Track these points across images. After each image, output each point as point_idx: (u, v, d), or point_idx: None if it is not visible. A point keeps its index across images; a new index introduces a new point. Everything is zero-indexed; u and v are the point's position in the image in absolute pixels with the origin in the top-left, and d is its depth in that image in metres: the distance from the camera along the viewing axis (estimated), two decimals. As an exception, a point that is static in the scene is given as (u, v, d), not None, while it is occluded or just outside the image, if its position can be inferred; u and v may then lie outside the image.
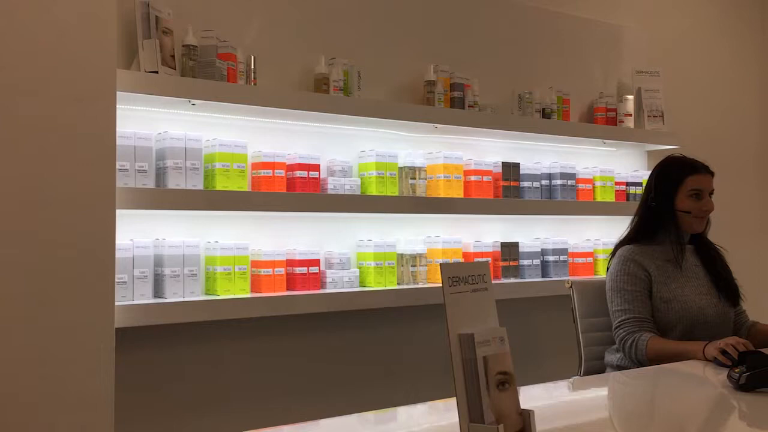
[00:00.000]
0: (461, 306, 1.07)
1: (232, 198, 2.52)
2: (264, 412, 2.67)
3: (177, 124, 2.56)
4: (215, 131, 2.62)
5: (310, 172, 2.74)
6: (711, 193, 2.37)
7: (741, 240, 4.20)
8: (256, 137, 2.72)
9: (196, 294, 2.47)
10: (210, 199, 2.48)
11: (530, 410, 1.07)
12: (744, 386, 1.62)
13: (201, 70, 2.48)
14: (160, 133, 2.48)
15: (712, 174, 2.38)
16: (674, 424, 1.55)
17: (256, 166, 2.67)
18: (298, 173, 2.72)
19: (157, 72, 2.37)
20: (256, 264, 2.65)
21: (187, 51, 2.48)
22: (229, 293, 2.53)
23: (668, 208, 2.35)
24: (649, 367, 2.11)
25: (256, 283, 2.65)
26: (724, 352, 1.93)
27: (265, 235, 2.75)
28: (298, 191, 2.70)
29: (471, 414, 1.02)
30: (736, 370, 1.66)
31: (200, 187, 2.49)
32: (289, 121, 2.80)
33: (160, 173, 2.45)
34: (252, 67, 2.63)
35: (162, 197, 2.38)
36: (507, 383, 1.07)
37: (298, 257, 2.72)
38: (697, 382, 1.94)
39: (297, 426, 1.57)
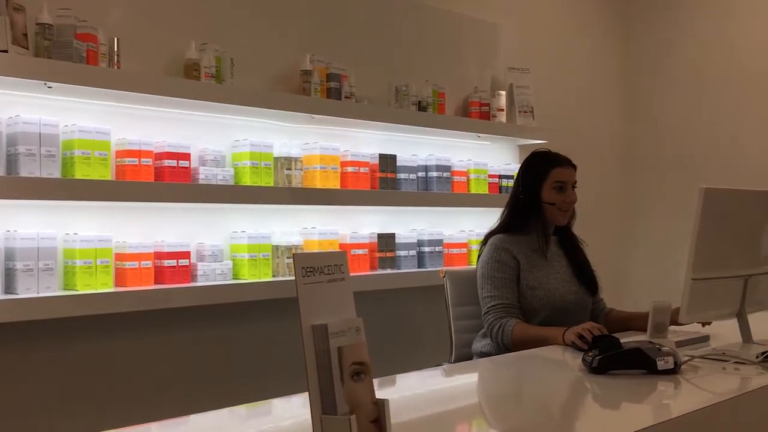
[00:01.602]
0: (316, 297, 1.05)
1: (94, 187, 2.39)
2: (130, 411, 2.55)
3: (31, 107, 2.39)
4: (74, 116, 2.47)
5: (180, 162, 2.64)
6: (574, 185, 2.47)
7: (602, 233, 4.44)
8: (120, 124, 2.59)
9: (52, 289, 2.32)
10: (68, 189, 2.34)
11: (385, 399, 1.06)
12: (596, 369, 1.71)
13: (57, 51, 2.32)
14: (11, 117, 2.31)
15: (574, 167, 2.49)
16: (536, 406, 1.61)
17: (121, 154, 2.55)
18: (167, 162, 2.61)
19: (6, 51, 2.20)
20: (120, 257, 2.52)
21: (42, 30, 2.31)
22: (89, 288, 2.40)
23: (535, 200, 2.44)
24: (514, 353, 2.18)
25: (120, 276, 2.52)
26: (581, 337, 2.03)
27: (131, 226, 2.62)
28: (167, 181, 2.60)
29: (324, 406, 1.01)
30: (590, 354, 1.74)
31: (57, 175, 2.34)
32: (157, 107, 2.68)
33: (12, 160, 2.28)
34: (115, 49, 2.49)
35: (12, 186, 2.22)
36: (362, 373, 1.06)
37: (166, 249, 2.62)
38: (556, 366, 2.03)
39: (165, 423, 1.51)
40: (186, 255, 2.66)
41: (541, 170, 2.45)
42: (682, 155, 4.60)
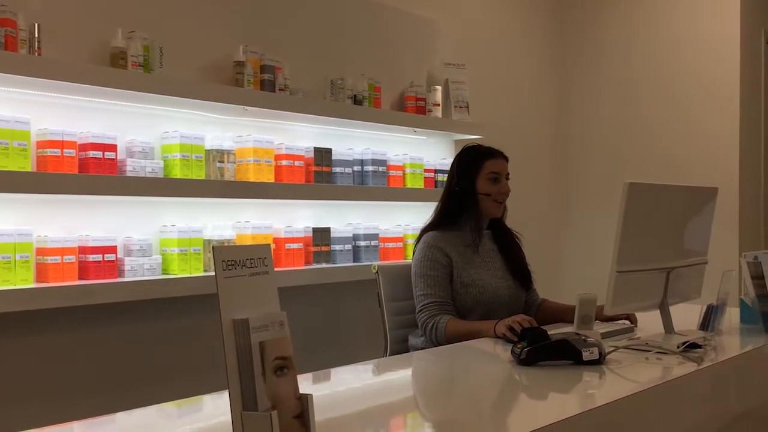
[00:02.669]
0: (237, 291, 1.03)
1: (12, 179, 2.28)
2: (54, 410, 2.45)
3: (-57, 95, 2.27)
4: (-9, 105, 2.36)
5: (106, 153, 2.55)
6: (507, 176, 2.50)
7: (535, 227, 4.52)
8: (41, 113, 2.48)
9: (-33, 286, 2.22)
10: (-16, 181, 2.23)
11: (308, 394, 1.05)
12: (524, 361, 1.73)
13: (-28, 36, 2.21)
14: None
15: (506, 159, 2.52)
16: (467, 398, 1.63)
17: (42, 144, 2.44)
18: (92, 153, 2.52)
19: None
20: (41, 251, 2.42)
21: (-45, 13, 2.20)
22: (8, 284, 2.29)
23: (470, 192, 2.45)
24: (447, 346, 2.19)
25: (42, 272, 2.42)
26: (511, 329, 2.05)
27: (54, 220, 2.52)
28: (92, 173, 2.51)
29: (245, 402, 0.98)
30: (519, 346, 1.76)
31: (-28, 166, 2.23)
32: (81, 96, 2.58)
33: None
34: (36, 35, 2.39)
35: (-77, 177, 2.10)
36: (285, 368, 1.04)
37: (91, 244, 2.53)
38: (487, 358, 2.05)
39: (90, 421, 1.45)
40: (112, 250, 2.58)
41: (475, 162, 2.47)
42: (613, 152, 4.72)
